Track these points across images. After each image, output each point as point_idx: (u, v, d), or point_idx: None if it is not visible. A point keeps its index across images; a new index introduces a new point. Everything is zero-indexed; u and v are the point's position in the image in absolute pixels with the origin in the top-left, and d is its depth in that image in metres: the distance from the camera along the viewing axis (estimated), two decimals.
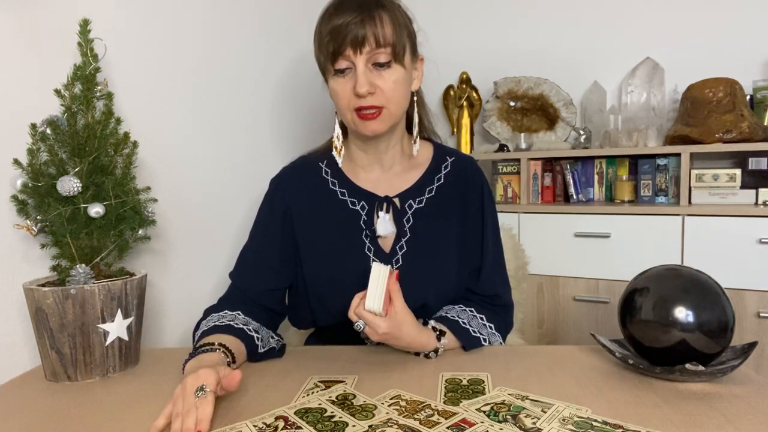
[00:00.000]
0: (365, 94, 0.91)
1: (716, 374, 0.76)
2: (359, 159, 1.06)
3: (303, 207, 1.04)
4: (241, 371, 0.72)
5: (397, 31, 0.93)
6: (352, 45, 0.90)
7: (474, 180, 1.08)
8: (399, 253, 1.00)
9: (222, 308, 0.97)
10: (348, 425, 0.65)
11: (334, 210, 1.03)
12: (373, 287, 0.82)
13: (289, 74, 1.70)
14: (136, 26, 1.16)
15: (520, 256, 1.53)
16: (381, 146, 1.03)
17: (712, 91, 1.83)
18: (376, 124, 0.94)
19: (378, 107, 0.93)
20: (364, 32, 0.90)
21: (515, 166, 2.17)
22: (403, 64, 0.95)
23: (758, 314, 1.68)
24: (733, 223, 1.72)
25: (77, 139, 0.88)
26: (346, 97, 0.94)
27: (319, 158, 1.08)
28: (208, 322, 0.93)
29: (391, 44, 0.92)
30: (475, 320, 0.98)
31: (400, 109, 0.98)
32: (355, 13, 0.90)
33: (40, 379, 0.86)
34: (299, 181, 1.06)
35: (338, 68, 0.93)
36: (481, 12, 2.43)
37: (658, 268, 0.83)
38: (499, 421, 0.66)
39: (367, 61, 0.92)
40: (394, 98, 0.94)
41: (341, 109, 0.97)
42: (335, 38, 0.90)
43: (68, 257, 0.88)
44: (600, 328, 1.91)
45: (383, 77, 0.93)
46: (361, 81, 0.91)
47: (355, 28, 0.89)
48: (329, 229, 1.02)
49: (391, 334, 0.84)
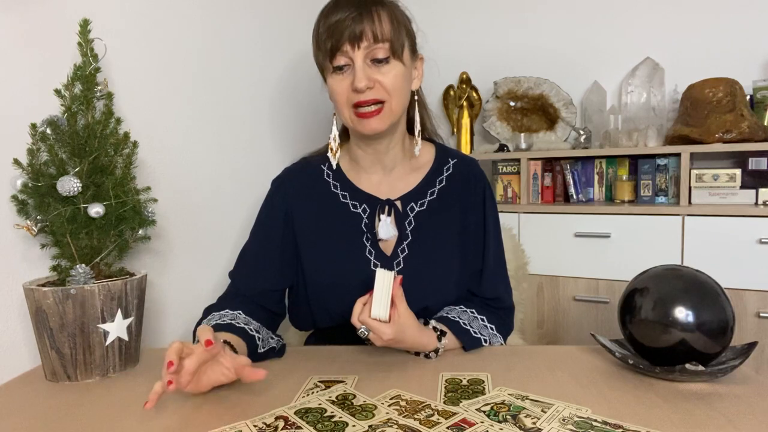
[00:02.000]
0: (364, 89, 0.91)
1: (716, 374, 0.76)
2: (360, 160, 1.05)
3: (304, 209, 1.04)
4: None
5: (395, 27, 0.92)
6: (349, 40, 0.90)
7: (476, 182, 1.07)
8: (400, 256, 1.00)
9: (222, 307, 0.96)
10: (348, 425, 0.65)
11: (336, 213, 1.03)
12: (378, 295, 0.82)
13: (290, 74, 1.70)
14: (136, 26, 1.16)
15: (520, 256, 1.53)
16: (381, 147, 1.02)
17: (712, 91, 1.82)
18: (376, 122, 0.94)
19: (379, 101, 0.93)
20: (362, 27, 0.89)
21: (515, 166, 2.17)
22: (402, 61, 0.94)
23: (758, 314, 1.68)
24: (733, 223, 1.72)
25: (77, 139, 0.88)
26: (345, 94, 0.93)
27: (321, 160, 1.08)
28: (209, 321, 0.92)
29: (389, 40, 0.91)
30: (476, 321, 0.98)
31: (400, 105, 0.96)
32: (352, 9, 0.90)
33: (40, 379, 0.86)
34: (301, 182, 1.06)
35: (336, 65, 0.92)
36: (481, 12, 2.43)
37: (658, 268, 0.83)
38: (499, 421, 0.66)
39: (366, 56, 0.91)
40: (394, 92, 0.93)
41: (340, 107, 0.96)
42: (333, 34, 0.90)
43: (68, 257, 0.88)
44: (600, 328, 1.91)
45: (382, 72, 0.92)
46: (359, 75, 0.90)
47: (353, 23, 0.89)
48: (330, 232, 1.02)
49: (395, 339, 0.84)
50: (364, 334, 0.82)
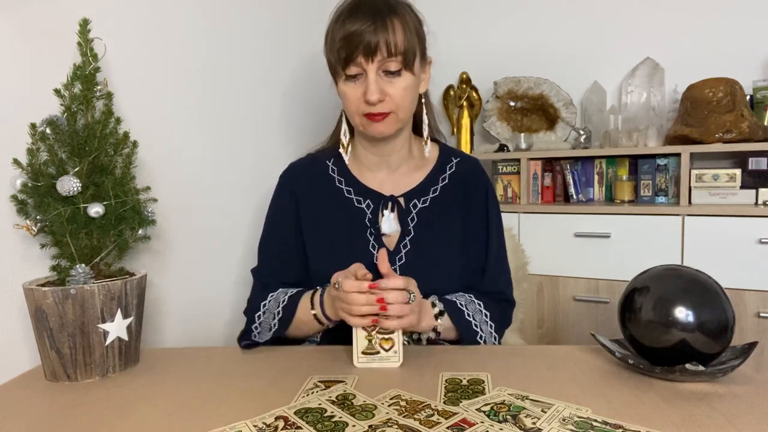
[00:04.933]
0: (376, 102, 0.93)
1: (716, 374, 0.76)
2: (366, 159, 1.07)
3: (309, 202, 1.06)
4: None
5: (408, 38, 0.94)
6: (364, 53, 0.92)
7: (479, 181, 1.09)
8: (403, 251, 1.02)
9: (264, 297, 1.01)
10: (348, 425, 0.65)
11: (340, 207, 1.05)
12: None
13: (290, 74, 1.70)
14: (136, 26, 1.16)
15: (520, 256, 1.53)
16: (387, 148, 1.05)
17: (712, 91, 1.82)
18: (384, 126, 0.97)
19: (386, 113, 0.96)
20: (377, 40, 0.91)
21: (515, 166, 2.17)
22: (413, 71, 0.96)
23: (758, 314, 1.68)
24: (733, 223, 1.72)
25: (77, 139, 0.88)
26: (356, 102, 0.96)
27: (327, 156, 1.11)
28: (277, 303, 0.99)
29: (402, 53, 0.93)
30: (479, 314, 1.00)
31: (408, 114, 1.00)
32: (368, 20, 0.91)
33: (40, 379, 0.86)
34: (307, 176, 1.09)
35: (349, 74, 0.95)
36: (481, 12, 2.43)
37: (658, 268, 0.83)
38: (499, 421, 0.66)
39: (378, 68, 0.93)
40: (402, 105, 0.97)
41: (350, 112, 0.99)
42: (347, 45, 0.92)
43: (68, 257, 0.88)
44: (600, 328, 1.91)
45: (393, 84, 0.95)
46: (371, 89, 0.92)
47: (368, 36, 0.91)
48: (334, 226, 1.04)
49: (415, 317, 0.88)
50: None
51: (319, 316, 0.94)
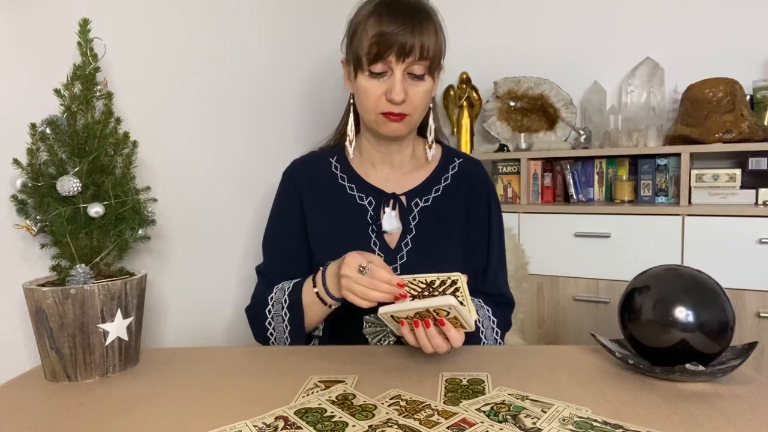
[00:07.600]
0: (400, 102, 0.94)
1: (716, 374, 0.76)
2: (370, 157, 1.08)
3: (312, 198, 1.07)
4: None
5: (438, 43, 0.95)
6: (397, 53, 0.92)
7: (481, 182, 1.10)
8: (404, 249, 1.02)
9: (270, 291, 1.01)
10: (348, 425, 0.65)
11: (342, 204, 1.05)
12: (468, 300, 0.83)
13: (291, 74, 1.70)
14: (135, 26, 1.16)
15: (520, 256, 1.53)
16: (393, 147, 1.05)
17: (712, 91, 1.82)
18: (399, 126, 0.98)
19: (404, 115, 0.96)
20: (413, 43, 0.91)
21: (515, 166, 2.17)
22: (433, 77, 0.98)
23: (758, 314, 1.68)
24: (733, 223, 1.72)
25: (77, 139, 0.88)
26: (376, 99, 0.96)
27: (329, 153, 1.11)
28: (283, 292, 0.98)
29: (431, 57, 0.94)
30: (488, 320, 1.01)
31: (420, 118, 1.02)
32: (406, 20, 0.91)
33: (40, 379, 0.86)
34: (310, 173, 1.09)
35: (374, 71, 0.94)
36: (482, 12, 2.43)
37: (658, 268, 0.83)
38: (499, 421, 0.66)
39: (405, 69, 0.94)
40: (419, 108, 0.98)
41: (366, 108, 0.98)
42: (382, 42, 0.92)
43: (68, 257, 0.88)
44: (600, 328, 1.91)
45: (415, 87, 0.95)
46: (398, 89, 0.93)
47: (405, 37, 0.91)
48: (336, 223, 1.04)
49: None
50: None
51: (321, 294, 0.93)
